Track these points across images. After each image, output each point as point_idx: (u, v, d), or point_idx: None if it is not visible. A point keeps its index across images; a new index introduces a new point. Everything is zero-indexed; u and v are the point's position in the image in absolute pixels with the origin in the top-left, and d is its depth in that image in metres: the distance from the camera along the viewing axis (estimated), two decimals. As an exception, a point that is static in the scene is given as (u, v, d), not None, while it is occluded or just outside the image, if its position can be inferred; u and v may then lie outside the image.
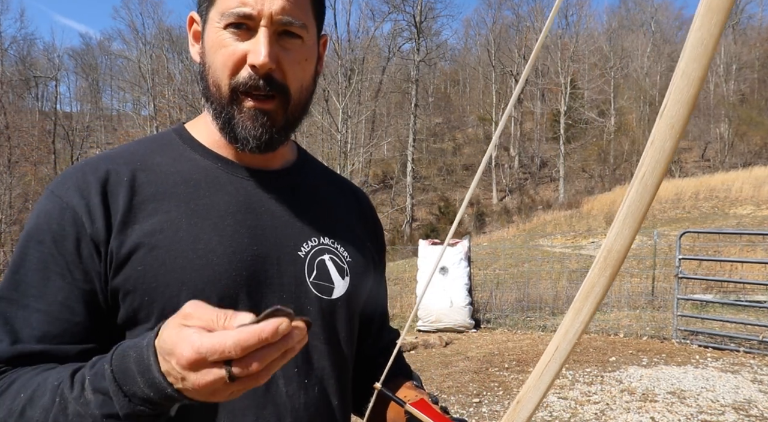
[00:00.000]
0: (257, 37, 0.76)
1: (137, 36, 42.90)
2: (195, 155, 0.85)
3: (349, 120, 33.61)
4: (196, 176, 0.82)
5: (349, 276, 0.89)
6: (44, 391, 0.65)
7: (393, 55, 41.26)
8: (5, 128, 31.12)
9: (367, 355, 1.03)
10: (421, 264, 8.65)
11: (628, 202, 0.53)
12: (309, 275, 0.85)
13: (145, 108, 40.56)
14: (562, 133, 37.39)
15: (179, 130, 0.89)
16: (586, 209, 25.36)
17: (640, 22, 48.71)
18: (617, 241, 0.54)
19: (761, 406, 4.71)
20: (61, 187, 0.77)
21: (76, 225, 0.74)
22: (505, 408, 4.84)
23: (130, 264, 0.75)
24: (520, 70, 41.69)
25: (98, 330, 0.75)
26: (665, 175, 0.52)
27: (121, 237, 0.75)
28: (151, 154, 0.83)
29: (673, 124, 0.48)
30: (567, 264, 14.06)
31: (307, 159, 0.98)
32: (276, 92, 0.79)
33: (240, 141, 0.81)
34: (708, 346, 6.76)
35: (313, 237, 0.87)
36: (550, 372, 0.55)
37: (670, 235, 14.51)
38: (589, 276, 0.56)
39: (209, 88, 0.81)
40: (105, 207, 0.75)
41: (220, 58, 0.78)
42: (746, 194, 22.90)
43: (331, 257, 0.88)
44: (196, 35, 0.85)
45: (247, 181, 0.85)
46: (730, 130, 37.94)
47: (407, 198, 35.88)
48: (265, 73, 0.77)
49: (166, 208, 0.78)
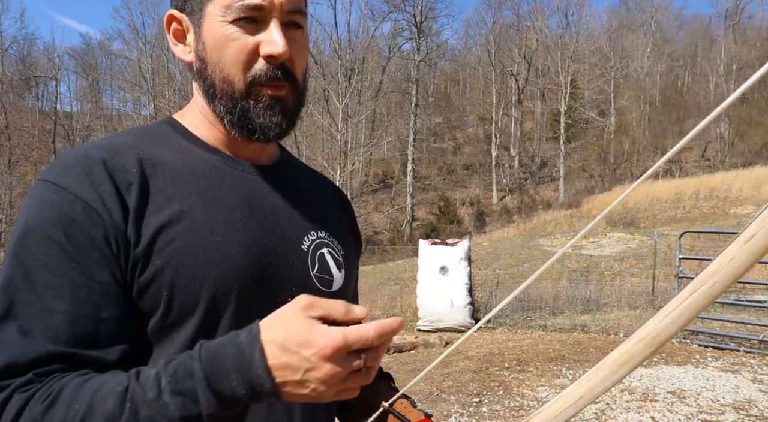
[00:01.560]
0: (270, 28, 0.76)
1: (137, 36, 42.97)
2: (194, 147, 0.83)
3: (349, 120, 33.60)
4: (200, 167, 0.80)
5: (344, 269, 0.90)
6: (105, 398, 0.61)
7: (393, 55, 41.26)
8: (5, 128, 31.12)
9: None
10: (421, 264, 8.65)
11: (690, 300, 0.55)
12: (312, 268, 0.85)
13: (145, 108, 40.60)
14: (562, 133, 37.38)
15: (172, 122, 0.86)
16: (586, 209, 25.36)
17: (640, 22, 48.69)
18: (669, 328, 0.57)
19: (761, 406, 4.71)
20: (64, 178, 0.71)
21: (90, 217, 0.69)
22: (505, 408, 4.84)
23: (148, 256, 0.71)
24: (520, 70, 41.73)
25: (128, 327, 0.71)
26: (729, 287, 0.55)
27: (137, 229, 0.71)
28: (149, 146, 0.79)
29: (755, 251, 0.52)
30: (567, 264, 14.05)
31: (289, 154, 0.99)
32: (288, 82, 0.80)
33: (261, 130, 0.79)
34: (708, 346, 6.76)
35: (312, 231, 0.87)
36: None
37: (670, 235, 14.51)
38: (630, 347, 0.58)
39: (215, 84, 0.79)
40: (119, 198, 0.71)
41: (230, 52, 0.76)
42: (746, 194, 22.90)
43: (329, 250, 0.88)
44: (178, 34, 0.82)
45: (247, 174, 0.84)
46: (730, 129, 37.93)
47: (407, 198, 35.87)
48: (281, 62, 0.77)
49: (178, 198, 0.75)
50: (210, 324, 0.74)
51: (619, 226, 20.74)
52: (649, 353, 0.57)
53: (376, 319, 0.63)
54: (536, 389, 5.32)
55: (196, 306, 0.73)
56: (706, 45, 46.26)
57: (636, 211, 22.78)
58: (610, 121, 40.29)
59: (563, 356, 6.48)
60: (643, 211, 22.95)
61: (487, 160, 40.58)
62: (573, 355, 6.51)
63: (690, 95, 43.48)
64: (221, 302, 0.74)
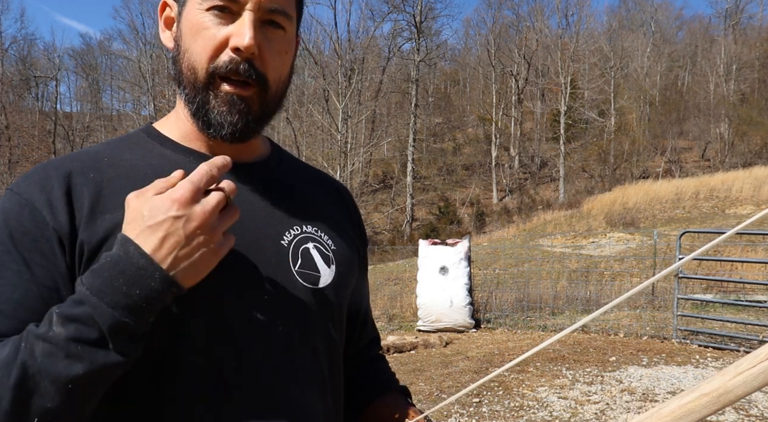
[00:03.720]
0: (242, 19, 0.74)
1: (137, 36, 42.97)
2: (165, 150, 0.82)
3: (349, 120, 33.60)
4: (168, 169, 0.76)
5: (335, 265, 0.86)
6: (3, 347, 0.63)
7: (393, 55, 41.29)
8: (5, 128, 31.13)
9: (351, 353, 1.01)
10: (421, 264, 8.65)
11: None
12: (294, 264, 0.81)
13: (145, 108, 40.61)
14: (562, 133, 37.38)
15: (147, 129, 0.86)
16: (586, 209, 25.34)
17: (640, 22, 48.73)
18: (739, 388, 0.52)
19: (761, 406, 4.71)
20: (21, 185, 0.73)
21: (35, 220, 0.70)
22: (505, 408, 4.84)
23: (101, 255, 0.70)
24: (519, 70, 41.73)
25: None
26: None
27: (90, 228, 0.71)
28: (119, 152, 0.80)
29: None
30: (567, 264, 14.06)
31: (282, 153, 0.95)
32: (255, 80, 0.76)
33: (213, 127, 0.77)
34: (708, 346, 6.76)
35: (295, 226, 0.84)
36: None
37: (670, 235, 14.52)
38: (690, 401, 0.54)
39: (183, 72, 0.78)
40: (68, 199, 0.72)
41: (200, 40, 0.75)
42: (746, 194, 22.90)
43: (315, 245, 0.85)
44: (167, 21, 0.82)
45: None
46: (730, 130, 37.92)
47: (407, 198, 35.87)
48: (247, 57, 0.74)
49: None
50: (177, 323, 0.71)
51: (619, 226, 20.74)
52: (711, 411, 0.53)
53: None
54: (536, 389, 5.32)
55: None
56: (706, 45, 46.27)
57: (636, 211, 22.78)
58: (610, 121, 40.28)
59: (563, 356, 6.48)
60: (643, 211, 22.94)
61: (487, 160, 40.60)
62: (573, 355, 6.51)
63: (690, 95, 43.49)
64: (184, 301, 0.70)
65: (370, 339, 1.08)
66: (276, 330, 0.77)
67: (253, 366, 0.75)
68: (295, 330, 0.79)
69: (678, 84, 46.23)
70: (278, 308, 0.78)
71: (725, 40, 45.25)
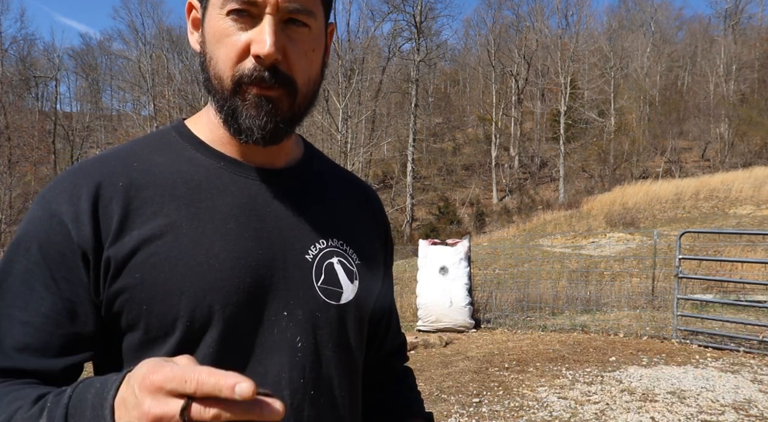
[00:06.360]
0: (261, 25, 0.72)
1: (137, 36, 42.99)
2: (196, 154, 0.80)
3: (349, 120, 33.60)
4: (197, 177, 0.78)
5: (358, 280, 0.85)
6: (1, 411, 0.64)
7: (393, 55, 41.28)
8: (5, 128, 31.13)
9: (372, 360, 0.99)
10: (421, 264, 8.65)
11: None
12: (317, 280, 0.80)
13: (145, 108, 40.60)
14: (562, 133, 37.39)
15: (179, 127, 0.84)
16: (586, 209, 25.35)
17: (640, 22, 48.73)
18: None
19: (761, 406, 4.70)
20: (52, 192, 0.73)
21: (62, 233, 0.70)
22: (505, 408, 4.84)
23: (126, 271, 0.71)
24: (519, 70, 41.73)
25: (89, 342, 0.72)
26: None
27: (118, 244, 0.71)
28: (149, 154, 0.79)
29: None
30: (567, 264, 14.07)
31: (314, 155, 0.93)
32: (282, 84, 0.74)
33: (244, 132, 0.76)
34: (708, 346, 6.76)
35: (321, 240, 0.83)
36: None
37: (670, 235, 14.51)
38: None
39: (211, 80, 0.76)
40: (94, 213, 0.71)
41: (222, 48, 0.73)
42: (746, 194, 22.90)
43: (339, 260, 0.83)
44: (195, 22, 0.80)
45: (252, 180, 0.81)
46: (730, 130, 37.93)
47: (407, 198, 35.88)
48: (270, 64, 0.72)
49: (165, 211, 0.74)
50: (192, 339, 0.72)
51: (619, 226, 20.74)
52: None
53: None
54: (536, 389, 5.32)
55: (175, 321, 0.71)
56: (706, 45, 46.28)
57: (636, 211, 22.78)
58: (609, 121, 40.29)
59: (563, 356, 6.48)
60: (643, 211, 22.94)
61: (486, 160, 40.61)
62: (573, 355, 6.51)
63: (690, 95, 43.50)
64: (201, 317, 0.71)
65: (395, 347, 1.06)
66: (294, 347, 0.77)
67: (267, 382, 0.74)
68: (314, 347, 0.79)
69: (678, 84, 46.24)
70: (298, 324, 0.78)
71: (725, 40, 45.25)
